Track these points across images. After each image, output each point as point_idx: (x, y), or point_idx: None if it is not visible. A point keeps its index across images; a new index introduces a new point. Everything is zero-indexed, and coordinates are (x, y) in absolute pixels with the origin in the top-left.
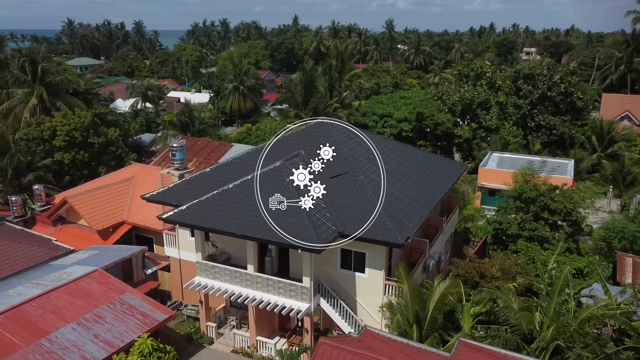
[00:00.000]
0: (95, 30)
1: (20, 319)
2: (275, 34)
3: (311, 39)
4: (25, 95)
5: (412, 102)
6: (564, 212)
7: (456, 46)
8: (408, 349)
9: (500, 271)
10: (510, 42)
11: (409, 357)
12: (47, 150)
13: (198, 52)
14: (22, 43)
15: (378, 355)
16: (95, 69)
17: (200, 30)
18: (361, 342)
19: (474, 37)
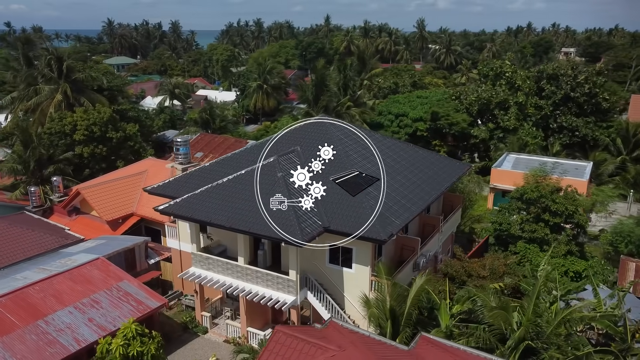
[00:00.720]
0: (134, 30)
1: (22, 301)
2: (307, 33)
3: (342, 38)
4: (51, 91)
5: (429, 102)
6: (565, 214)
7: (488, 46)
8: (367, 340)
9: (487, 271)
10: (547, 42)
11: (362, 347)
12: (68, 144)
13: (229, 51)
14: (66, 42)
15: (327, 344)
16: (130, 67)
17: (234, 30)
18: (319, 332)
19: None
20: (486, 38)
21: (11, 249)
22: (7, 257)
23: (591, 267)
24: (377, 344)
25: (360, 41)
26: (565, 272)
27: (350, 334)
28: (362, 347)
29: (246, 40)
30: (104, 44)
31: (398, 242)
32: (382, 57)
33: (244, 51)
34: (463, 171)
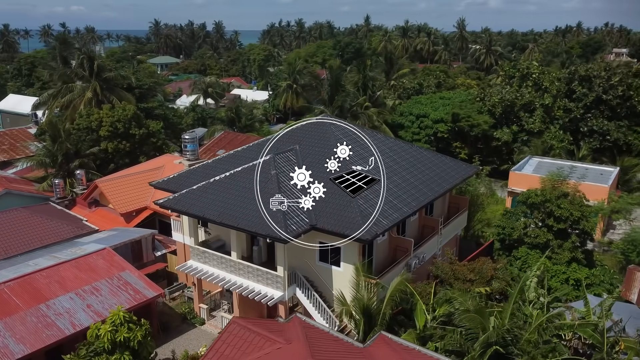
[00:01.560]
0: (179, 30)
1: (28, 286)
2: (347, 33)
3: (380, 38)
4: (82, 89)
5: (451, 103)
6: (570, 220)
7: (530, 46)
8: (322, 336)
9: (475, 274)
10: (596, 42)
11: (307, 342)
12: (94, 140)
13: (266, 51)
14: (117, 42)
15: (276, 337)
16: (172, 66)
17: (275, 30)
18: (278, 326)
19: (557, 37)
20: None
21: (29, 237)
22: (25, 245)
23: (594, 276)
24: (330, 340)
25: (398, 41)
26: (566, 279)
27: (307, 329)
28: (308, 342)
29: (286, 40)
30: (151, 44)
31: (392, 243)
32: (420, 58)
33: (284, 51)
34: (468, 174)
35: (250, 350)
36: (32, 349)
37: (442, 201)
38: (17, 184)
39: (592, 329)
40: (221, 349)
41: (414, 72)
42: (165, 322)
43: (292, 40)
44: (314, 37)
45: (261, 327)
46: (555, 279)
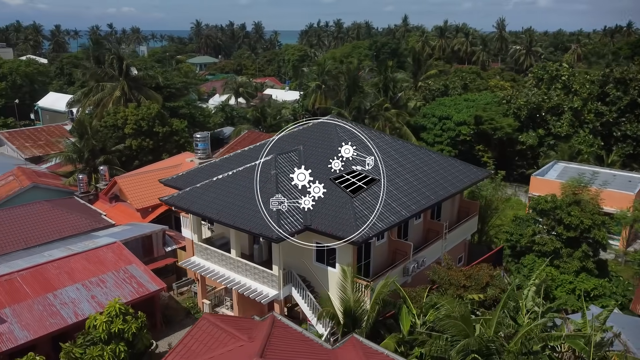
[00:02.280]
0: (219, 30)
1: (39, 275)
2: (385, 34)
3: (416, 39)
4: (112, 88)
5: (475, 105)
6: (580, 228)
7: (572, 47)
8: (293, 336)
9: (470, 280)
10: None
11: (269, 341)
12: (119, 137)
13: (302, 51)
14: (160, 42)
15: (241, 335)
16: (209, 66)
17: (313, 30)
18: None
19: (605, 37)
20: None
21: (49, 229)
22: (44, 236)
23: (602, 287)
24: (297, 341)
25: (435, 42)
26: (572, 290)
27: (277, 328)
28: (267, 341)
29: (323, 40)
30: (192, 44)
31: (391, 245)
32: (458, 58)
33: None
34: (478, 178)
35: (216, 346)
36: (35, 336)
37: (450, 205)
38: (46, 178)
39: (585, 341)
40: (189, 344)
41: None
42: (169, 315)
43: (330, 41)
44: (351, 38)
45: (230, 325)
46: (561, 288)
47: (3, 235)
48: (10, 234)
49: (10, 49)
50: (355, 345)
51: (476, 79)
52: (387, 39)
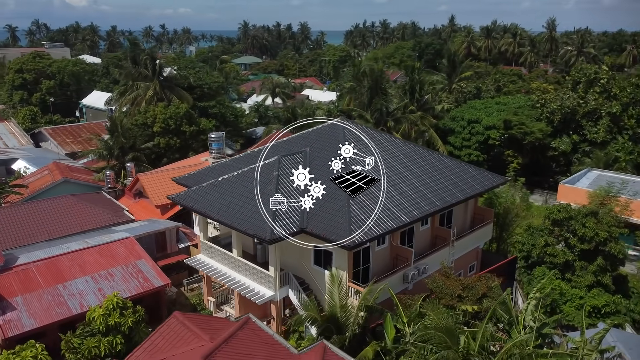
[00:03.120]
0: (266, 31)
1: (53, 267)
2: (431, 34)
3: (462, 39)
4: (145, 87)
5: (507, 109)
6: (595, 240)
7: (628, 48)
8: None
9: (466, 291)
10: None
11: (235, 344)
12: (149, 135)
13: (344, 52)
14: (210, 42)
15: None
16: (253, 66)
17: (357, 30)
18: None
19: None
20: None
21: (72, 222)
22: (66, 229)
23: (615, 304)
24: (261, 344)
25: (481, 42)
26: (581, 305)
27: (245, 330)
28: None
29: (368, 40)
30: (240, 44)
31: (392, 251)
32: (505, 59)
33: (364, 52)
34: (492, 185)
35: (180, 344)
36: (40, 324)
37: (463, 212)
38: (78, 173)
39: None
40: (156, 341)
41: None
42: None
43: (377, 41)
44: (396, 38)
45: (197, 324)
46: (570, 303)
47: (29, 227)
48: (36, 225)
49: (68, 49)
50: (318, 352)
51: (517, 81)
52: (432, 39)
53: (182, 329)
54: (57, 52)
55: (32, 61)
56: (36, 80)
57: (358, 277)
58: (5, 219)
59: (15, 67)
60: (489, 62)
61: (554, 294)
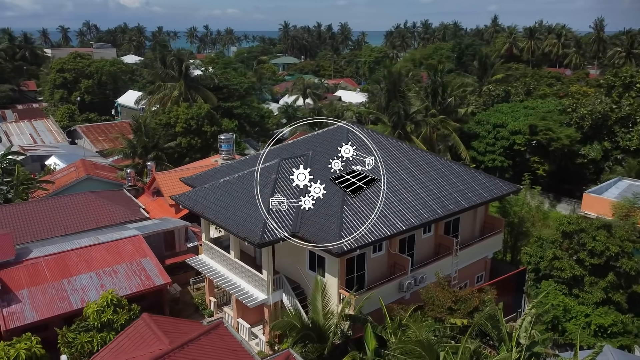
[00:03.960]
0: (306, 31)
1: (61, 261)
2: (472, 34)
3: (503, 40)
4: (172, 88)
5: (535, 113)
6: (606, 255)
7: None
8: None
9: (455, 303)
10: None
11: (193, 349)
12: (172, 135)
13: (381, 52)
14: (252, 43)
15: (165, 338)
16: (290, 67)
17: (397, 31)
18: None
19: None
20: None
21: (88, 218)
22: (82, 224)
23: (624, 324)
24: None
25: (524, 43)
26: (587, 323)
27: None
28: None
29: (407, 41)
30: (280, 45)
31: (390, 259)
32: (548, 61)
33: (403, 53)
34: (502, 193)
35: (142, 347)
36: (41, 317)
37: (471, 220)
38: (102, 171)
39: None
40: (122, 342)
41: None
42: (178, 310)
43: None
44: (437, 39)
45: (163, 327)
46: (574, 321)
47: (47, 222)
48: (54, 221)
49: (114, 49)
50: None
51: (555, 84)
52: (472, 40)
53: (147, 331)
54: (103, 52)
55: (73, 61)
56: (76, 80)
57: (352, 284)
58: (27, 213)
59: (57, 67)
60: (531, 63)
61: (558, 310)
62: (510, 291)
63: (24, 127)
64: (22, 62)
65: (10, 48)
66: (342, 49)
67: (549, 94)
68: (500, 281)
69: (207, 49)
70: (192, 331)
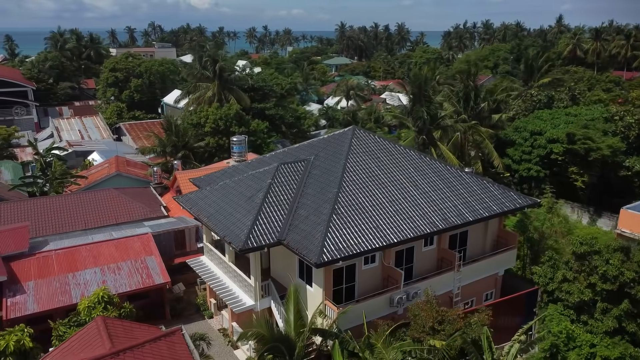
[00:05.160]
0: (362, 32)
1: (70, 256)
2: (535, 35)
3: (566, 41)
4: (206, 88)
5: (577, 120)
6: (620, 281)
7: None
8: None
9: (441, 323)
10: None
11: (141, 357)
12: (201, 134)
13: (434, 53)
14: (310, 43)
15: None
16: (342, 67)
17: (456, 32)
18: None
19: None
20: None
21: (108, 214)
22: (102, 220)
23: (632, 358)
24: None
25: (589, 44)
26: (592, 354)
27: (163, 344)
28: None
29: (464, 42)
30: (336, 45)
31: (384, 271)
32: (616, 63)
33: (460, 54)
34: (516, 206)
35: (88, 350)
36: (41, 309)
37: (481, 234)
38: (134, 168)
39: None
40: (73, 343)
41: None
42: (180, 309)
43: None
44: (497, 39)
45: (112, 331)
46: (577, 351)
47: (70, 216)
48: (76, 215)
49: (174, 49)
50: None
51: (613, 89)
52: (533, 40)
53: (95, 335)
54: (164, 52)
55: (124, 61)
56: (126, 79)
57: (340, 295)
58: (53, 206)
59: (110, 66)
60: (596, 66)
61: (561, 337)
62: (520, 312)
63: (74, 123)
64: (87, 61)
65: (77, 48)
66: (398, 50)
67: (605, 100)
68: (508, 301)
69: (265, 49)
70: (145, 337)
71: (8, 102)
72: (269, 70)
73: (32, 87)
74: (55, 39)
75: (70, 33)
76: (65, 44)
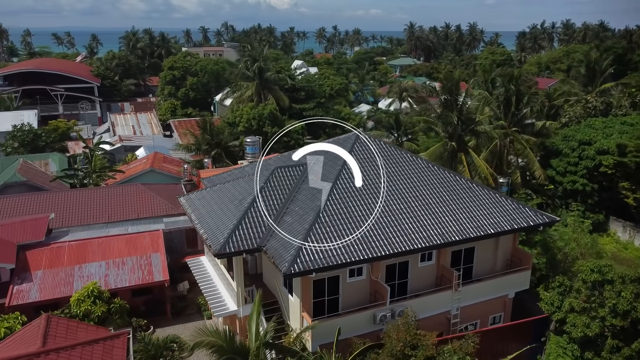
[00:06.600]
0: (432, 32)
1: (81, 248)
2: (621, 35)
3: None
4: (246, 87)
5: (633, 130)
6: (632, 317)
7: None
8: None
9: (414, 348)
10: None
11: (63, 356)
12: (235, 133)
13: (503, 55)
14: (380, 43)
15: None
16: (405, 68)
17: (532, 32)
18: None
19: None
20: None
21: (131, 209)
22: (124, 214)
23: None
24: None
25: None
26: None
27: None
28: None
29: (539, 43)
30: (405, 45)
31: (372, 286)
32: None
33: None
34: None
35: (25, 346)
36: (42, 299)
37: (491, 251)
38: (169, 164)
39: None
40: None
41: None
42: (182, 307)
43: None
44: (577, 41)
45: (54, 330)
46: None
47: (95, 208)
48: (101, 208)
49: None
50: None
51: None
52: (614, 42)
53: (35, 332)
54: (230, 51)
55: (182, 60)
56: (183, 77)
57: (322, 308)
58: (82, 198)
59: (168, 64)
60: None
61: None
62: (526, 340)
63: (129, 119)
64: (158, 60)
65: (149, 46)
66: (469, 51)
67: (626, 106)
68: (513, 327)
69: (334, 49)
70: (85, 339)
71: (76, 97)
72: (330, 71)
73: (97, 84)
74: (129, 38)
75: (144, 33)
76: (137, 43)
